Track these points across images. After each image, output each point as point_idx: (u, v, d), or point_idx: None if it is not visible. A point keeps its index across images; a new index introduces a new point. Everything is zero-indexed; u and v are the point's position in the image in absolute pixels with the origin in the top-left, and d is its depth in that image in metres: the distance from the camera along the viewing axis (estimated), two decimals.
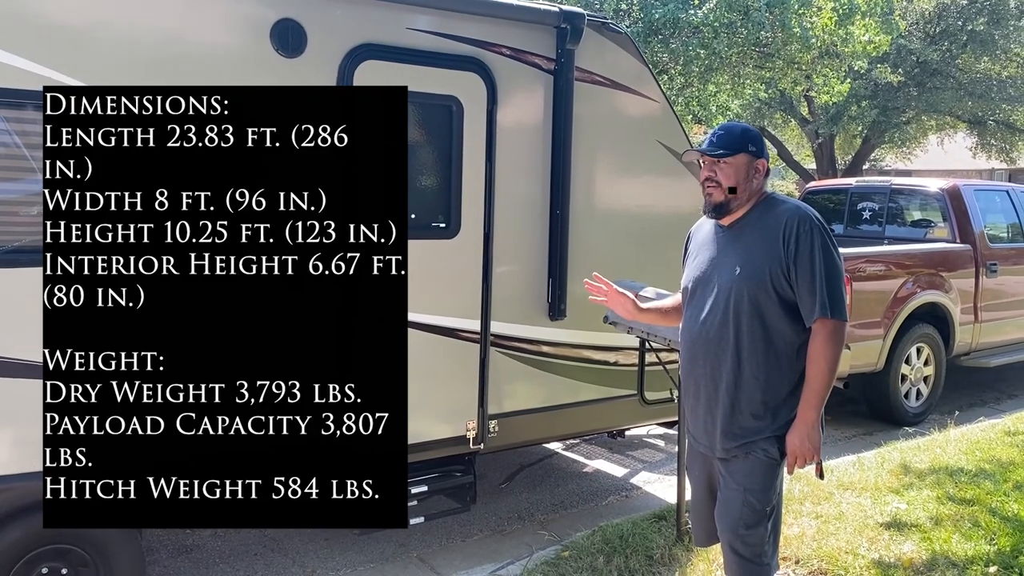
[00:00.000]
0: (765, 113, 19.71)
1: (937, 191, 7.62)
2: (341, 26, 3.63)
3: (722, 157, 2.70)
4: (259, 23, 3.46)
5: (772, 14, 10.34)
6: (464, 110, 3.94)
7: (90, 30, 3.13)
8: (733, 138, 2.72)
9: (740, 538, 2.69)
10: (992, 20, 16.86)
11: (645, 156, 4.65)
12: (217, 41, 3.40)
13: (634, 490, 5.32)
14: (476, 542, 4.51)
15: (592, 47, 4.32)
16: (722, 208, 2.74)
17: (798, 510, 4.52)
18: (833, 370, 2.62)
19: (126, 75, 3.18)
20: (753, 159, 2.73)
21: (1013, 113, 19.09)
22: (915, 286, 6.78)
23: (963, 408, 7.17)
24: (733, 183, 2.70)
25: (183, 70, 3.30)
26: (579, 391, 4.54)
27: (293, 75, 3.52)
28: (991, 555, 3.95)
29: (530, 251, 4.27)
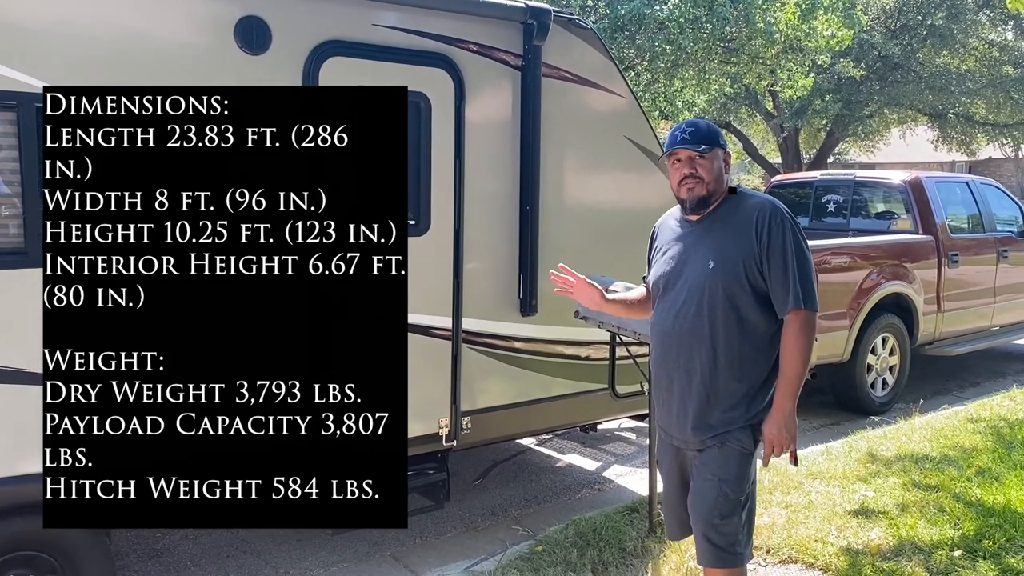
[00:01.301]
0: (730, 108, 19.90)
1: (900, 183, 7.74)
2: (306, 23, 3.60)
3: (706, 153, 2.73)
4: (223, 20, 3.42)
5: (736, 9, 10.44)
6: (432, 107, 3.93)
7: (50, 28, 3.07)
8: (708, 134, 2.76)
9: (715, 528, 2.71)
10: (951, 15, 17.17)
11: (613, 152, 4.67)
12: (180, 39, 3.35)
13: (607, 483, 5.35)
14: (450, 539, 4.51)
15: (559, 43, 4.33)
16: (705, 202, 2.76)
17: (768, 500, 4.58)
18: (807, 359, 2.66)
19: (87, 73, 3.13)
20: (724, 152, 2.77)
21: (972, 106, 19.46)
22: (879, 277, 6.89)
23: (927, 397, 7.30)
24: (713, 176, 2.73)
25: (146, 68, 3.25)
26: (551, 386, 4.56)
27: (258, 72, 3.49)
28: (956, 540, 4.03)
29: (500, 247, 4.27)
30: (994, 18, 18.06)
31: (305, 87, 3.56)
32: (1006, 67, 18.12)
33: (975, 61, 18.40)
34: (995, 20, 18.21)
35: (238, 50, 3.45)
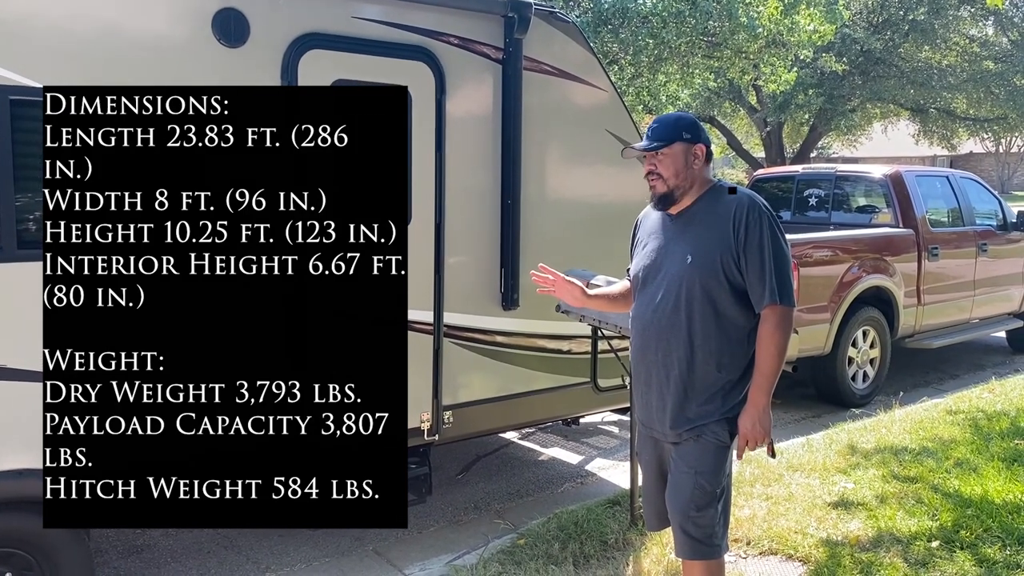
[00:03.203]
0: (714, 102, 19.97)
1: (880, 177, 7.79)
2: (285, 15, 3.57)
3: (658, 150, 2.73)
4: (201, 12, 3.39)
5: (719, 3, 10.47)
6: (412, 100, 3.91)
7: (25, 22, 3.03)
8: (667, 128, 2.76)
9: (691, 520, 2.73)
10: (932, 10, 17.29)
11: (595, 145, 4.67)
12: (158, 32, 3.32)
13: (589, 477, 5.37)
14: (432, 533, 4.51)
15: (540, 36, 4.32)
16: (668, 199, 2.77)
17: (749, 492, 4.61)
18: (782, 355, 2.67)
19: (64, 67, 3.10)
20: (690, 145, 2.75)
21: (953, 101, 19.62)
22: (860, 270, 6.93)
23: (908, 389, 7.37)
24: (672, 172, 2.73)
25: (124, 61, 3.22)
26: (533, 380, 4.56)
27: (236, 65, 3.46)
28: (934, 530, 4.07)
29: (482, 241, 4.27)
30: (975, 13, 18.21)
31: (306, 88, 3.57)
32: (987, 62, 18.28)
33: (956, 56, 18.55)
34: (976, 15, 18.36)
35: (216, 43, 3.42)
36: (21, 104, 3.04)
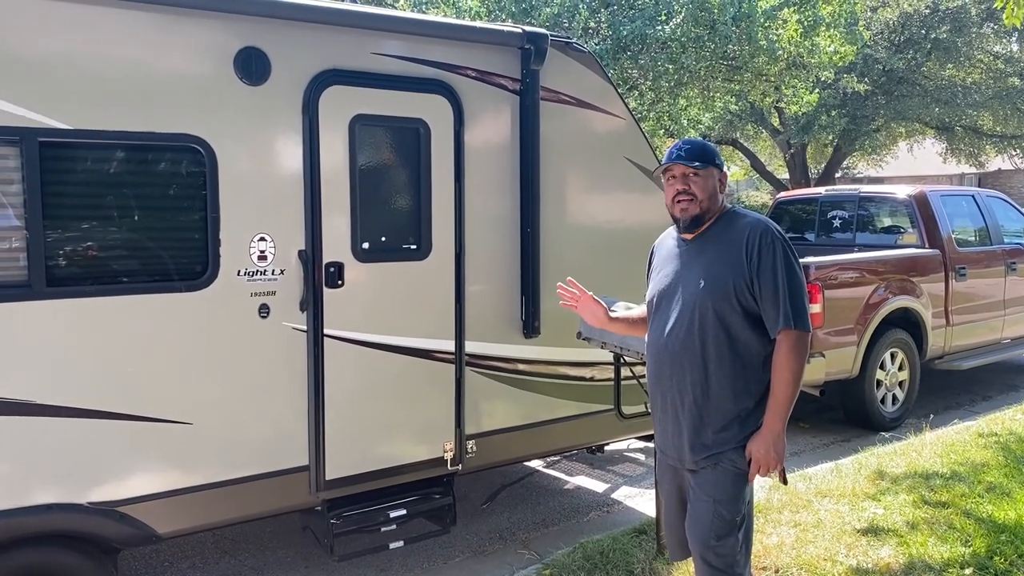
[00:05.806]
0: (736, 125, 19.94)
1: (904, 198, 7.72)
2: (305, 53, 3.65)
3: (700, 169, 2.73)
4: (222, 52, 3.46)
5: (738, 27, 10.50)
6: (431, 132, 3.96)
7: (51, 65, 3.12)
8: (702, 151, 2.76)
9: (712, 549, 2.70)
10: (955, 28, 17.20)
11: (613, 172, 4.69)
12: (181, 71, 3.39)
13: (615, 505, 5.33)
14: (457, 564, 4.49)
15: (557, 67, 4.37)
16: (699, 220, 2.76)
17: (776, 519, 4.54)
18: (798, 380, 2.65)
19: (91, 107, 3.18)
20: (719, 171, 2.78)
21: (979, 118, 19.43)
22: (887, 292, 6.86)
23: (939, 411, 7.24)
24: (707, 194, 2.74)
25: (148, 100, 3.30)
26: (556, 408, 4.55)
27: (258, 103, 3.53)
28: (967, 557, 3.99)
29: (502, 270, 4.29)
30: (998, 30, 18.07)
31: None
32: (1012, 79, 18.11)
33: (981, 73, 18.40)
34: (999, 32, 18.22)
35: (239, 81, 3.49)
36: (50, 146, 3.12)
